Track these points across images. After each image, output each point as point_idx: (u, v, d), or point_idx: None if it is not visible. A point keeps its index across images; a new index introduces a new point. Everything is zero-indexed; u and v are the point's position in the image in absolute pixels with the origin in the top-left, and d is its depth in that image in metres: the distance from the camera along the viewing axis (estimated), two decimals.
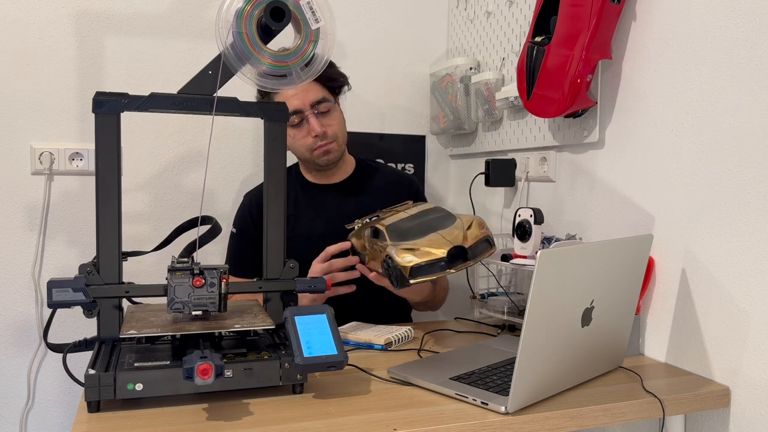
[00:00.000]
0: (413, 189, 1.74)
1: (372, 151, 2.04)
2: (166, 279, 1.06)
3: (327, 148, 1.59)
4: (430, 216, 1.36)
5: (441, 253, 1.21)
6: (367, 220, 1.40)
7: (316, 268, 1.42)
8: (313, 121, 1.55)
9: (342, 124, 1.62)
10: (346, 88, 1.66)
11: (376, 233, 1.34)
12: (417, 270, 1.21)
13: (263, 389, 1.04)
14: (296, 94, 1.53)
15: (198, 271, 1.07)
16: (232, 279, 1.58)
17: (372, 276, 1.37)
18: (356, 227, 1.43)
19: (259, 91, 1.55)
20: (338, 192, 1.68)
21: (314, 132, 1.55)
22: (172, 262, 1.10)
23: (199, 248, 1.18)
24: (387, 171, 1.77)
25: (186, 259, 1.11)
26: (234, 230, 1.68)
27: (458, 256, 1.23)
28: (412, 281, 1.22)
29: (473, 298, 1.62)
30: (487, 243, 1.28)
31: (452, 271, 1.22)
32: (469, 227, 1.29)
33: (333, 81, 1.60)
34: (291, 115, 1.55)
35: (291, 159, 1.74)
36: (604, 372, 1.19)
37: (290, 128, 1.57)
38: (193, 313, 1.07)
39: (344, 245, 1.43)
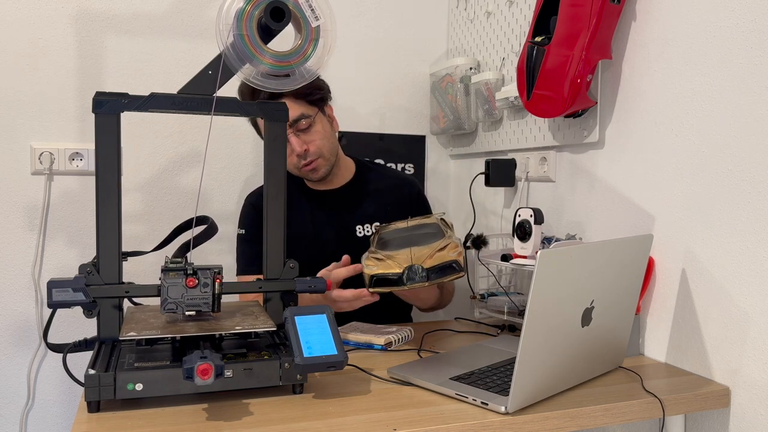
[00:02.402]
0: (414, 191, 1.73)
1: (372, 151, 2.04)
2: (160, 279, 1.06)
3: (313, 166, 1.56)
4: (421, 231, 1.39)
5: (399, 268, 1.27)
6: (380, 226, 1.44)
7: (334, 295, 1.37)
8: (293, 141, 1.51)
9: (326, 136, 1.57)
10: (329, 96, 1.61)
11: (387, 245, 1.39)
12: (378, 280, 1.28)
13: (263, 389, 1.04)
14: None
15: (191, 272, 1.06)
16: (247, 277, 1.60)
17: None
18: (375, 230, 1.46)
19: (240, 91, 1.49)
20: (339, 197, 1.67)
21: (295, 151, 1.52)
22: (166, 262, 1.09)
23: (194, 248, 1.17)
24: (388, 174, 1.76)
25: (179, 259, 1.11)
26: (243, 231, 1.65)
27: (417, 274, 1.27)
28: (371, 290, 1.29)
29: (473, 298, 1.62)
30: (452, 268, 1.28)
31: (406, 287, 1.26)
32: (442, 249, 1.30)
33: (309, 95, 1.54)
34: None
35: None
36: (604, 372, 1.19)
37: None
38: (186, 313, 1.07)
39: (356, 267, 1.38)
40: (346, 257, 1.41)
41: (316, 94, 1.56)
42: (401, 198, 1.69)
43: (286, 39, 1.13)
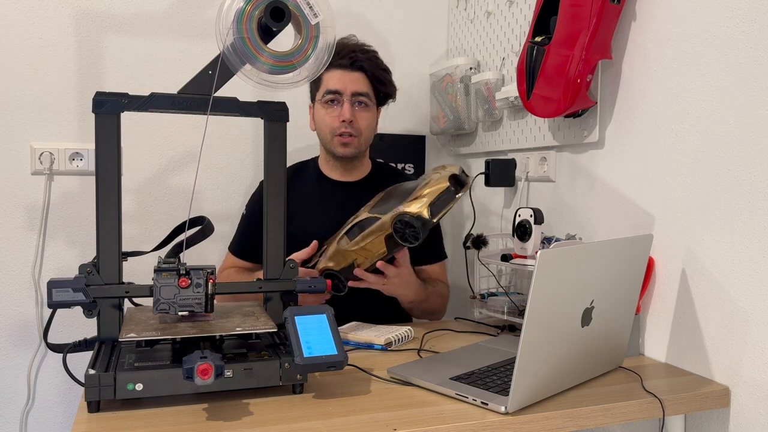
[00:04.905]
0: None
1: (372, 151, 2.03)
2: (152, 279, 1.06)
3: (348, 140, 1.60)
4: (400, 188, 1.45)
5: (444, 183, 1.34)
6: (338, 237, 1.47)
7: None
8: (346, 106, 1.57)
9: (371, 126, 1.64)
10: (391, 100, 1.68)
11: (361, 228, 1.41)
12: (434, 207, 1.32)
13: (263, 389, 1.04)
14: (342, 78, 1.57)
15: (184, 272, 1.06)
16: (232, 259, 1.68)
17: (359, 272, 1.43)
18: (328, 249, 1.47)
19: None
20: (353, 189, 1.68)
21: (343, 116, 1.57)
22: (159, 262, 1.09)
23: (188, 248, 1.17)
24: (400, 176, 1.79)
25: (173, 260, 1.11)
26: (244, 212, 1.72)
27: (457, 182, 1.36)
28: (434, 220, 1.32)
29: (473, 298, 1.61)
30: (462, 171, 1.40)
31: (460, 195, 1.35)
32: (441, 169, 1.42)
33: (382, 84, 1.62)
34: (329, 93, 1.58)
35: (308, 154, 1.77)
36: (604, 372, 1.19)
37: (322, 105, 1.60)
38: (179, 313, 1.06)
39: (310, 250, 1.48)
40: (314, 243, 1.48)
41: (385, 87, 1.63)
42: None
43: (288, 39, 1.13)
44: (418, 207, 1.32)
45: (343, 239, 1.43)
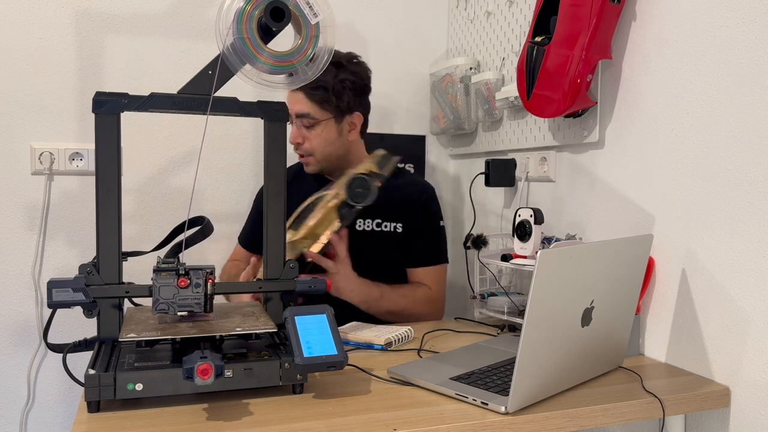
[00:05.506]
0: (424, 196, 1.70)
1: (372, 151, 2.04)
2: (152, 279, 1.06)
3: (304, 160, 1.65)
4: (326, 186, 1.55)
5: (381, 151, 1.58)
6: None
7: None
8: (293, 130, 1.61)
9: (326, 142, 1.60)
10: (354, 107, 1.62)
11: (306, 214, 1.48)
12: (380, 165, 1.53)
13: (263, 389, 1.04)
14: (289, 98, 1.60)
15: (183, 272, 1.06)
16: (239, 250, 1.76)
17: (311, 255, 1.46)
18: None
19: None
20: None
21: (290, 139, 1.60)
22: (158, 262, 1.09)
23: (188, 248, 1.17)
24: (402, 177, 1.75)
25: (172, 260, 1.11)
26: (252, 207, 1.79)
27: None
28: (385, 172, 1.52)
29: (473, 298, 1.61)
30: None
31: (397, 157, 1.58)
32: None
33: (323, 102, 1.57)
34: None
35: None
36: (604, 372, 1.19)
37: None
38: (178, 313, 1.06)
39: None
40: (253, 259, 1.49)
41: (326, 105, 1.58)
42: (412, 200, 1.68)
43: (288, 39, 1.13)
44: (366, 167, 1.48)
45: (287, 233, 1.43)
